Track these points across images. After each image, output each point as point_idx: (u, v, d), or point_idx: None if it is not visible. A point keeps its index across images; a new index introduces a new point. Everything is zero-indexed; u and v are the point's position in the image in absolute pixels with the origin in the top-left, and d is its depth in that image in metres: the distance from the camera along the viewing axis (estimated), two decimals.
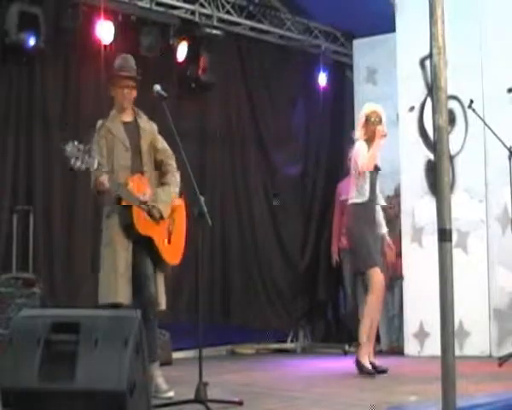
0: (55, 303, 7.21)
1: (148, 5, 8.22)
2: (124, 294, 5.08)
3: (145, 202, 5.17)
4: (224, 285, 9.09)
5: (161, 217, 5.23)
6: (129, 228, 5.15)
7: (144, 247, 5.21)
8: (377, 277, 6.35)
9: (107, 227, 5.23)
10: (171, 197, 5.32)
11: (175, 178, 5.37)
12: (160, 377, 5.20)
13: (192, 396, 4.55)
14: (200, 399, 4.52)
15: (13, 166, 7.61)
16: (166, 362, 6.97)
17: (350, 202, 6.54)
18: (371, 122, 6.45)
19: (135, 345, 3.56)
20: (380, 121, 6.46)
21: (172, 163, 5.36)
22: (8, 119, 7.61)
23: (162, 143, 5.37)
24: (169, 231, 5.35)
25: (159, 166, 5.38)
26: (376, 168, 6.50)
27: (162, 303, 5.29)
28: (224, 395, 4.97)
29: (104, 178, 4.96)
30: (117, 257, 5.13)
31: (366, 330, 6.35)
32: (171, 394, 5.09)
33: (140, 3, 8.19)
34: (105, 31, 7.76)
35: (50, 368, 3.51)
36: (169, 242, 5.35)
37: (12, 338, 3.63)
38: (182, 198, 5.49)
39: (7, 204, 7.50)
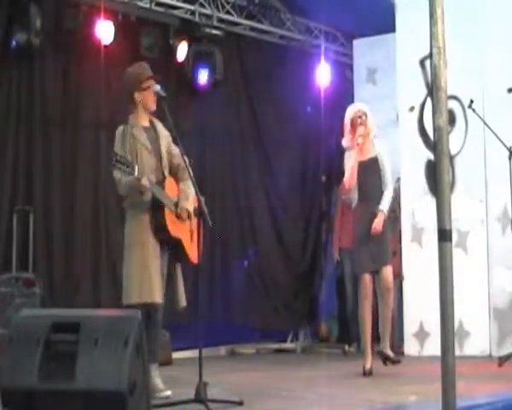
0: (55, 303, 7.22)
1: (148, 5, 8.22)
2: (159, 293, 5.14)
3: (176, 204, 5.27)
4: (224, 285, 9.09)
5: (189, 216, 5.28)
6: (160, 230, 5.19)
7: (169, 247, 5.28)
8: (362, 283, 6.34)
9: (136, 228, 5.23)
10: (193, 195, 5.31)
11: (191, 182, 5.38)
12: (157, 377, 5.18)
13: (192, 396, 4.55)
14: (200, 399, 4.52)
15: (12, 166, 7.61)
16: (166, 362, 6.97)
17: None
18: (357, 125, 6.36)
19: (135, 345, 3.56)
20: (365, 119, 6.35)
21: (189, 169, 5.25)
22: (7, 119, 7.62)
23: (177, 149, 5.36)
24: (191, 230, 5.36)
25: (175, 171, 5.40)
26: (365, 163, 6.34)
27: (183, 300, 5.37)
28: (224, 395, 4.97)
29: (146, 181, 5.03)
30: (149, 257, 5.16)
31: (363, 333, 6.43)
32: (168, 393, 5.09)
33: (140, 3, 8.19)
34: (105, 31, 7.77)
35: (50, 368, 3.51)
36: (191, 240, 5.36)
37: (12, 338, 3.63)
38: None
39: (7, 204, 7.50)
